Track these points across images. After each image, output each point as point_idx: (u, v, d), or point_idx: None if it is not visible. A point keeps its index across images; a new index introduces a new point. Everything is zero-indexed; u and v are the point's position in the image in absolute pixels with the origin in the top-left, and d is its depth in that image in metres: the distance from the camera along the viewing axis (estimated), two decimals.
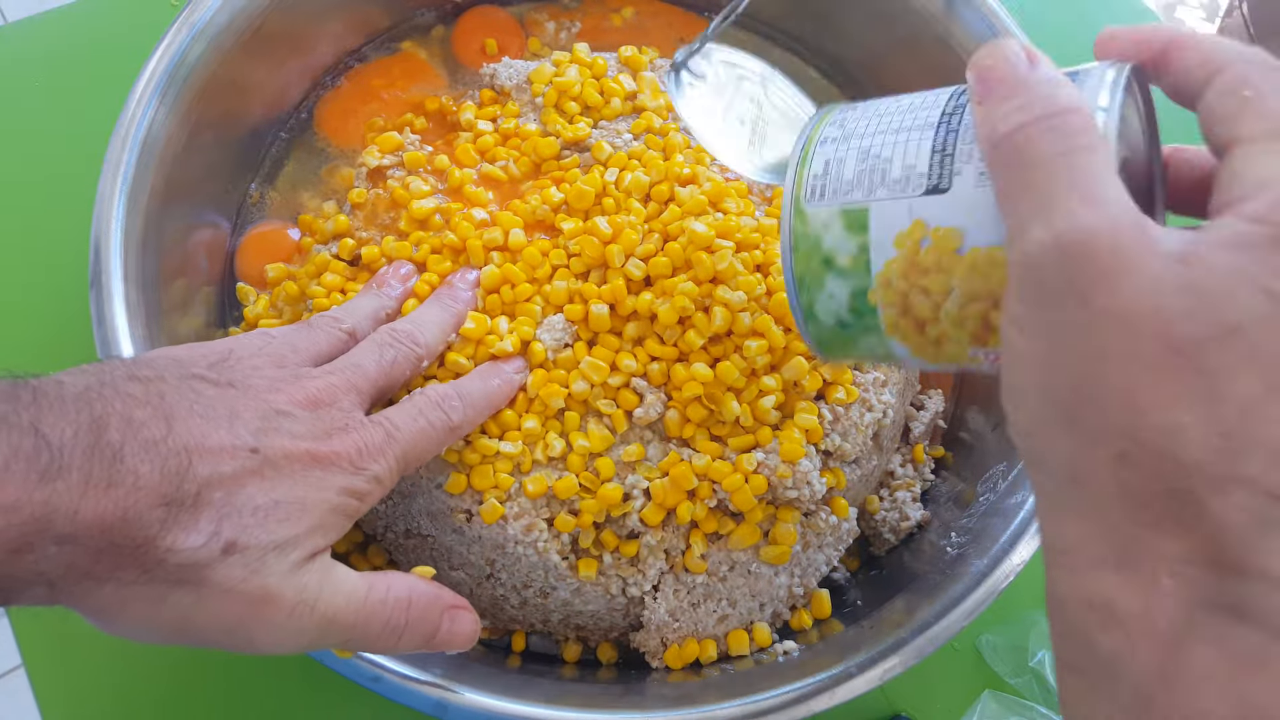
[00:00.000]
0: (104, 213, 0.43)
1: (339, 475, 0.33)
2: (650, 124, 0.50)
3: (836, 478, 0.46)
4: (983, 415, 0.52)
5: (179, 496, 0.29)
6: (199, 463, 0.30)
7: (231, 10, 0.47)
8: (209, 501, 0.30)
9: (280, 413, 0.33)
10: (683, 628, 0.44)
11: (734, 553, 0.44)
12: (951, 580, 0.42)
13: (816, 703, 0.38)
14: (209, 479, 0.30)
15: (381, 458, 0.35)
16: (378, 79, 0.56)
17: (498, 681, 0.40)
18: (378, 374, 0.38)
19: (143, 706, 0.46)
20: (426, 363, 0.42)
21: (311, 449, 0.33)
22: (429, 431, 0.38)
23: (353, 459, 0.34)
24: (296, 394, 0.35)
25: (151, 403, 0.30)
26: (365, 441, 0.35)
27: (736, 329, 0.43)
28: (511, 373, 0.43)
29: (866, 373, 0.47)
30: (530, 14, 0.60)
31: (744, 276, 0.43)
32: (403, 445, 0.36)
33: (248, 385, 0.34)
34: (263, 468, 0.32)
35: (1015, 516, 0.43)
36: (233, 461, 0.31)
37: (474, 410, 0.40)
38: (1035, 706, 0.48)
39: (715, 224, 0.45)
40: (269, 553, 0.31)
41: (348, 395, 0.36)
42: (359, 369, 0.38)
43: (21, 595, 0.28)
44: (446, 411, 0.39)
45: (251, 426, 0.32)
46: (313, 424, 0.34)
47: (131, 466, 0.28)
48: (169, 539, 0.29)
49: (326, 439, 0.34)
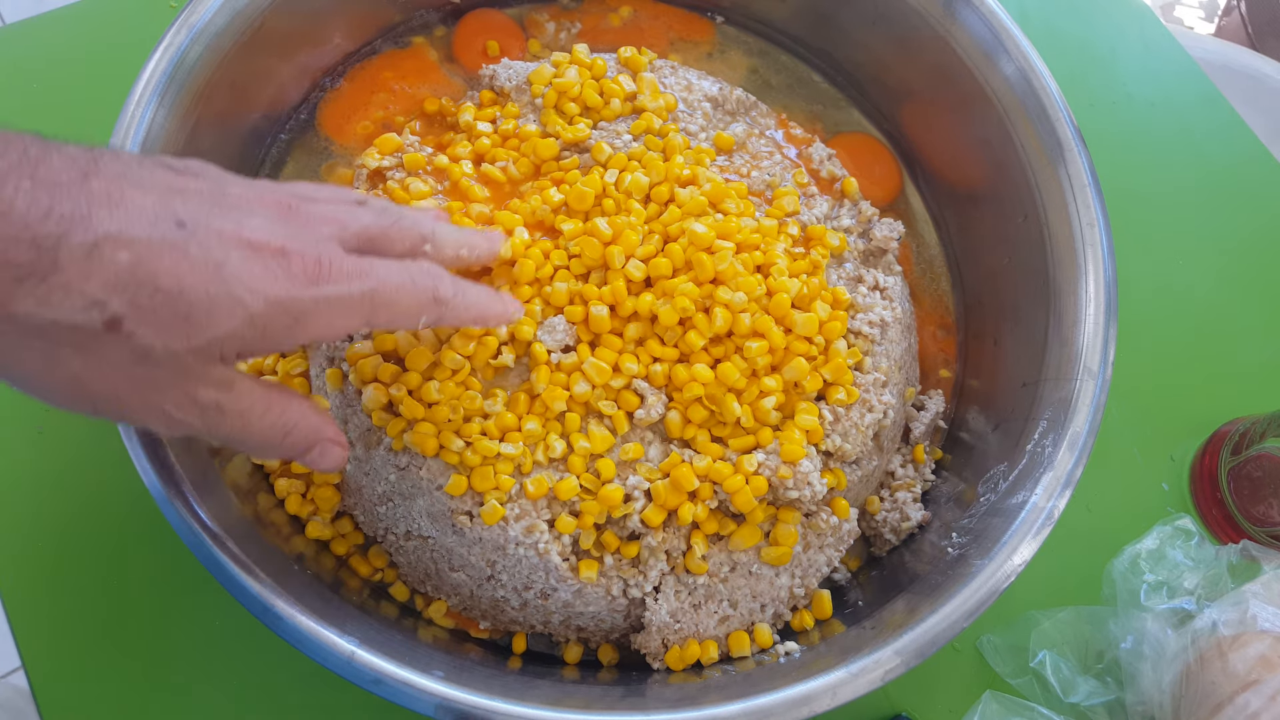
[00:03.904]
0: None
1: (279, 280, 0.29)
2: (650, 125, 0.50)
3: (837, 478, 0.46)
4: (983, 416, 0.52)
5: (58, 244, 0.25)
6: (103, 214, 0.26)
7: (231, 11, 0.47)
8: (103, 264, 0.25)
9: (237, 207, 0.29)
10: (684, 629, 0.44)
11: (735, 554, 0.44)
12: (952, 581, 0.42)
13: (818, 703, 0.38)
14: (111, 235, 0.25)
15: (344, 282, 0.31)
16: (388, 71, 0.56)
17: (498, 683, 0.40)
18: (371, 225, 0.34)
19: (142, 707, 0.46)
20: (430, 249, 0.37)
21: (254, 239, 0.28)
22: (410, 288, 0.34)
23: (305, 268, 0.30)
24: (267, 197, 0.31)
25: (75, 159, 0.26)
26: (329, 259, 0.30)
27: (737, 330, 0.43)
28: (511, 309, 0.41)
29: (867, 373, 0.47)
30: (530, 15, 0.59)
31: (744, 277, 0.43)
32: (374, 284, 0.32)
33: (214, 180, 0.30)
34: (187, 243, 0.27)
35: (1016, 517, 0.43)
36: (150, 227, 0.26)
37: (464, 301, 0.36)
38: (1036, 707, 0.48)
39: (715, 225, 0.45)
40: (157, 345, 0.27)
41: (328, 225, 0.32)
42: (351, 213, 0.34)
43: None
44: (436, 282, 0.35)
45: (190, 205, 0.28)
46: (274, 226, 0.30)
47: (4, 196, 0.24)
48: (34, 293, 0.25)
49: (284, 238, 0.29)
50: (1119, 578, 0.51)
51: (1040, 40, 0.51)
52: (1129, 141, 0.68)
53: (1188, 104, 0.70)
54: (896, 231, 0.53)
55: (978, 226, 0.56)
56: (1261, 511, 0.55)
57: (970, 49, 0.52)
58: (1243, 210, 0.67)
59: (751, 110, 0.55)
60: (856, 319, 0.48)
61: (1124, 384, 0.51)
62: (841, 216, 0.53)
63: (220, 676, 0.47)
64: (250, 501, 0.44)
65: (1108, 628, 0.51)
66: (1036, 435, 0.46)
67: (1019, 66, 0.51)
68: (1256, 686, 0.44)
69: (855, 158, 0.58)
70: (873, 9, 0.56)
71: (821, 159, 0.54)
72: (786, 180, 0.51)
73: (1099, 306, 0.47)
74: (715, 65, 0.60)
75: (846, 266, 0.51)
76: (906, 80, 0.58)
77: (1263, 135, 0.69)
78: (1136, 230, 0.64)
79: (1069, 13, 0.71)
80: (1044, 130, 0.50)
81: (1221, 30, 1.35)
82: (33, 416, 0.51)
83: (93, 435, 0.50)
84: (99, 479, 0.50)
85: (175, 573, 0.48)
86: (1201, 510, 0.58)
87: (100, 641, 0.47)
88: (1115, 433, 0.57)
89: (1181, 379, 0.61)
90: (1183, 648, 0.47)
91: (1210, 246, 0.65)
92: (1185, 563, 0.51)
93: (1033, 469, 0.44)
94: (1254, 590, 0.47)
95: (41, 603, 0.48)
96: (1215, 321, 0.63)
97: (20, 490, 0.49)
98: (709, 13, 0.61)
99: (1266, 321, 0.64)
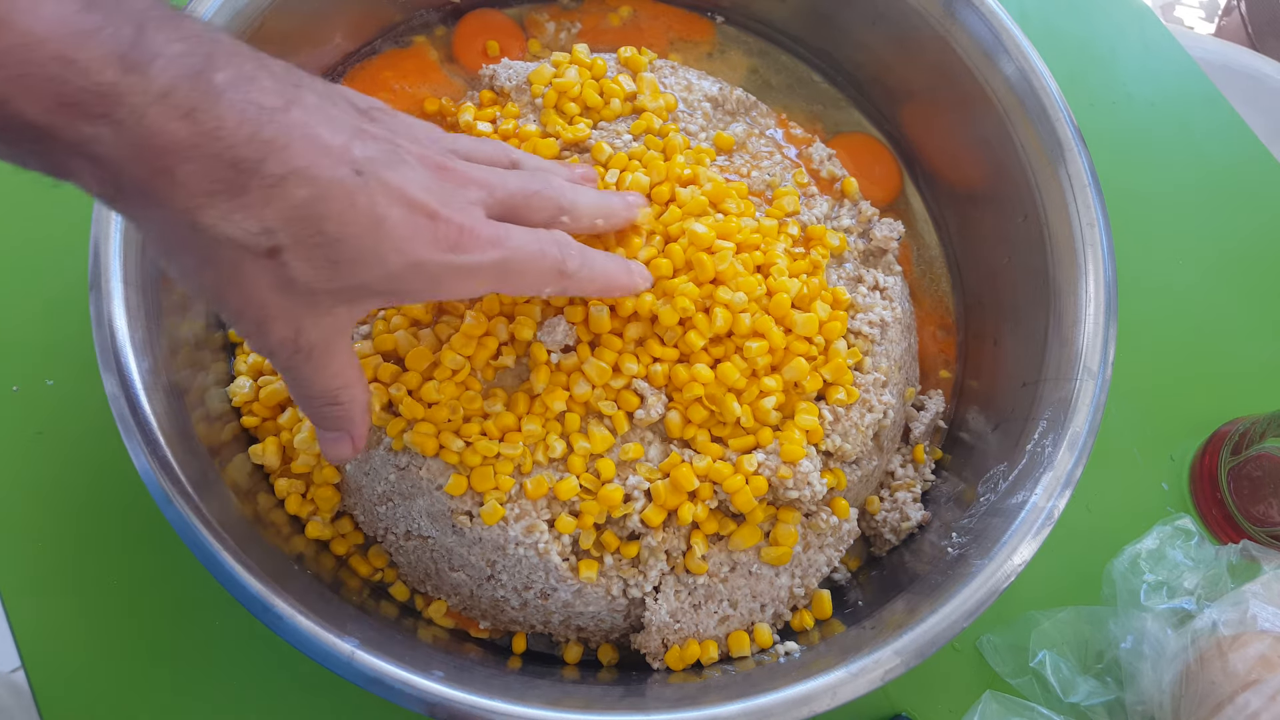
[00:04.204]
0: (103, 214, 0.43)
1: (423, 244, 0.31)
2: (650, 125, 0.50)
3: (837, 478, 0.46)
4: (983, 416, 0.52)
5: (254, 170, 0.27)
6: (298, 148, 0.28)
7: (231, 11, 0.47)
8: (284, 197, 0.28)
9: (404, 160, 0.31)
10: (684, 629, 0.44)
11: (735, 553, 0.44)
12: (952, 580, 0.42)
13: (818, 703, 0.38)
14: (298, 171, 0.28)
15: (482, 250, 0.33)
16: (388, 70, 0.56)
17: (498, 683, 0.40)
18: (516, 192, 0.36)
19: (142, 707, 0.46)
20: (567, 219, 0.39)
21: (414, 198, 0.31)
22: (539, 259, 0.36)
23: (449, 234, 0.32)
24: (430, 156, 0.33)
25: (282, 83, 0.28)
26: (470, 226, 0.33)
27: (737, 329, 0.43)
28: (639, 280, 0.42)
29: (867, 373, 0.47)
30: (530, 15, 0.59)
31: (745, 277, 0.43)
32: (506, 254, 0.34)
33: (390, 128, 0.32)
34: (356, 192, 0.29)
35: (1016, 517, 0.43)
36: (331, 168, 0.29)
37: (589, 273, 0.38)
38: (1036, 707, 0.48)
39: (716, 225, 0.45)
40: (301, 279, 0.29)
41: (477, 189, 0.34)
42: (501, 177, 0.36)
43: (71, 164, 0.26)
44: (564, 254, 0.37)
45: (368, 151, 0.30)
46: (431, 185, 0.32)
47: (219, 113, 0.26)
48: (219, 208, 0.27)
49: (437, 202, 0.32)
50: (1119, 578, 0.51)
51: (1040, 40, 0.51)
52: (1129, 141, 0.68)
53: (1188, 104, 0.70)
54: (896, 231, 0.53)
55: (978, 226, 0.56)
56: (1261, 511, 0.55)
57: (970, 49, 0.52)
58: (1243, 210, 0.67)
59: (751, 110, 0.55)
60: (856, 319, 0.48)
61: (1124, 384, 0.51)
62: (841, 216, 0.53)
63: (220, 676, 0.47)
64: (250, 501, 0.44)
65: (1108, 628, 0.51)
66: (1036, 435, 0.46)
67: (1019, 66, 0.51)
68: (1256, 686, 0.44)
69: (855, 158, 0.58)
70: (872, 9, 0.56)
71: (821, 159, 0.54)
72: (786, 180, 0.51)
73: (1099, 306, 0.47)
74: (716, 65, 0.60)
75: (846, 266, 0.51)
76: (906, 80, 0.58)
77: (1263, 135, 0.69)
78: (1136, 230, 0.64)
79: (1069, 13, 0.71)
80: (1044, 130, 0.50)
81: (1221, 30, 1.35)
82: (33, 418, 0.51)
83: (92, 436, 0.50)
84: (99, 479, 0.50)
85: (175, 573, 0.48)
86: (1201, 510, 0.58)
87: (100, 641, 0.47)
88: (1115, 433, 0.57)
89: (1181, 379, 0.61)
90: (1183, 648, 0.47)
91: (1210, 246, 0.65)
92: (1185, 563, 0.51)
93: (1032, 469, 0.44)
94: (1254, 590, 0.47)
95: (41, 603, 0.48)
96: (1215, 321, 0.63)
97: (20, 491, 0.49)
98: (709, 13, 0.61)
99: (1266, 321, 0.64)
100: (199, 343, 0.48)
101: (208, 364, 0.48)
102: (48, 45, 0.24)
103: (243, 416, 0.48)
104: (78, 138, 0.25)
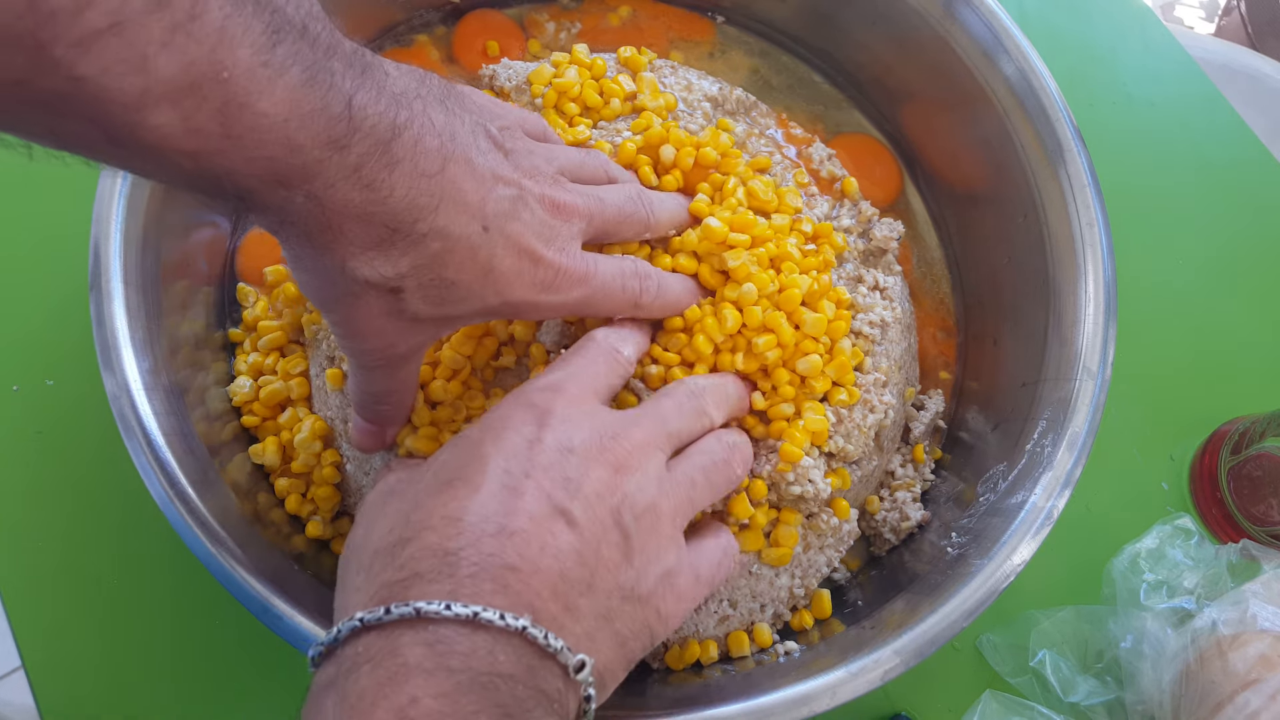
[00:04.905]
0: (104, 214, 0.43)
1: (521, 286, 0.35)
2: (650, 124, 0.50)
3: (841, 478, 0.46)
4: (983, 416, 0.52)
5: (406, 230, 0.31)
6: (443, 211, 0.31)
7: None
8: (421, 250, 0.31)
9: (528, 205, 0.35)
10: (683, 629, 0.44)
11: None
12: (952, 580, 0.42)
13: (817, 703, 0.38)
14: (437, 230, 0.31)
15: (570, 290, 0.36)
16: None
17: None
18: (612, 215, 0.39)
19: (142, 707, 0.46)
20: (649, 235, 0.43)
21: (525, 245, 0.34)
22: (619, 294, 0.39)
23: (545, 279, 0.35)
24: (548, 194, 0.36)
25: (442, 137, 0.32)
26: (569, 265, 0.36)
27: (750, 322, 0.43)
28: (697, 298, 0.43)
29: (867, 374, 0.47)
30: (530, 15, 0.60)
31: (760, 273, 0.43)
32: (590, 292, 0.37)
33: (518, 162, 0.35)
34: (479, 247, 0.33)
35: (1015, 517, 0.43)
36: (465, 225, 0.32)
37: (661, 302, 0.41)
38: (1036, 706, 0.48)
39: (729, 219, 0.44)
40: (410, 310, 0.33)
41: (580, 220, 0.37)
42: (601, 202, 0.39)
43: (249, 211, 0.29)
44: (643, 287, 0.39)
45: (501, 204, 0.33)
46: (541, 228, 0.35)
47: (392, 184, 0.30)
48: (366, 256, 0.31)
49: (543, 244, 0.35)
50: (1119, 577, 0.51)
51: (1040, 40, 0.51)
52: (1129, 141, 0.68)
53: (1188, 104, 0.70)
54: (896, 231, 0.53)
55: (977, 227, 0.56)
56: (1261, 511, 0.55)
57: (970, 49, 0.52)
58: (1243, 210, 0.67)
59: (751, 110, 0.55)
60: (857, 319, 0.48)
61: (1124, 384, 0.51)
62: (841, 217, 0.53)
63: (220, 676, 0.47)
64: (250, 501, 0.44)
65: (1107, 627, 0.51)
66: (1036, 435, 0.46)
67: (1019, 66, 0.51)
68: (1256, 686, 0.44)
69: (856, 158, 0.58)
70: (872, 9, 0.56)
71: (821, 159, 0.54)
72: (787, 180, 0.51)
73: (1098, 306, 0.47)
74: (717, 65, 0.60)
75: (847, 267, 0.51)
76: (907, 81, 0.58)
77: (1263, 135, 0.69)
78: (1136, 230, 0.64)
79: (1069, 13, 0.71)
80: (1044, 130, 0.50)
81: (1221, 30, 1.35)
82: (32, 419, 0.51)
83: (92, 437, 0.50)
84: (99, 479, 0.50)
85: (175, 573, 0.48)
86: (1201, 510, 0.58)
87: (100, 641, 0.47)
88: (1115, 432, 0.57)
89: (1181, 379, 0.61)
90: (1182, 647, 0.47)
91: (1210, 246, 0.65)
92: (1185, 562, 0.51)
93: (1032, 469, 0.44)
94: (1254, 590, 0.47)
95: (41, 603, 0.48)
96: (1215, 321, 0.63)
97: (20, 491, 0.49)
98: (709, 12, 0.61)
99: (1266, 321, 0.64)
100: (199, 343, 0.48)
101: (208, 364, 0.48)
102: (278, 129, 0.27)
103: (243, 416, 0.48)
104: (274, 201, 0.28)
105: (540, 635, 0.28)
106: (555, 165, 0.38)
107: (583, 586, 0.30)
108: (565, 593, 0.30)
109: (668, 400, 0.38)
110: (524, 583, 0.29)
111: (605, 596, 0.31)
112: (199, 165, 0.26)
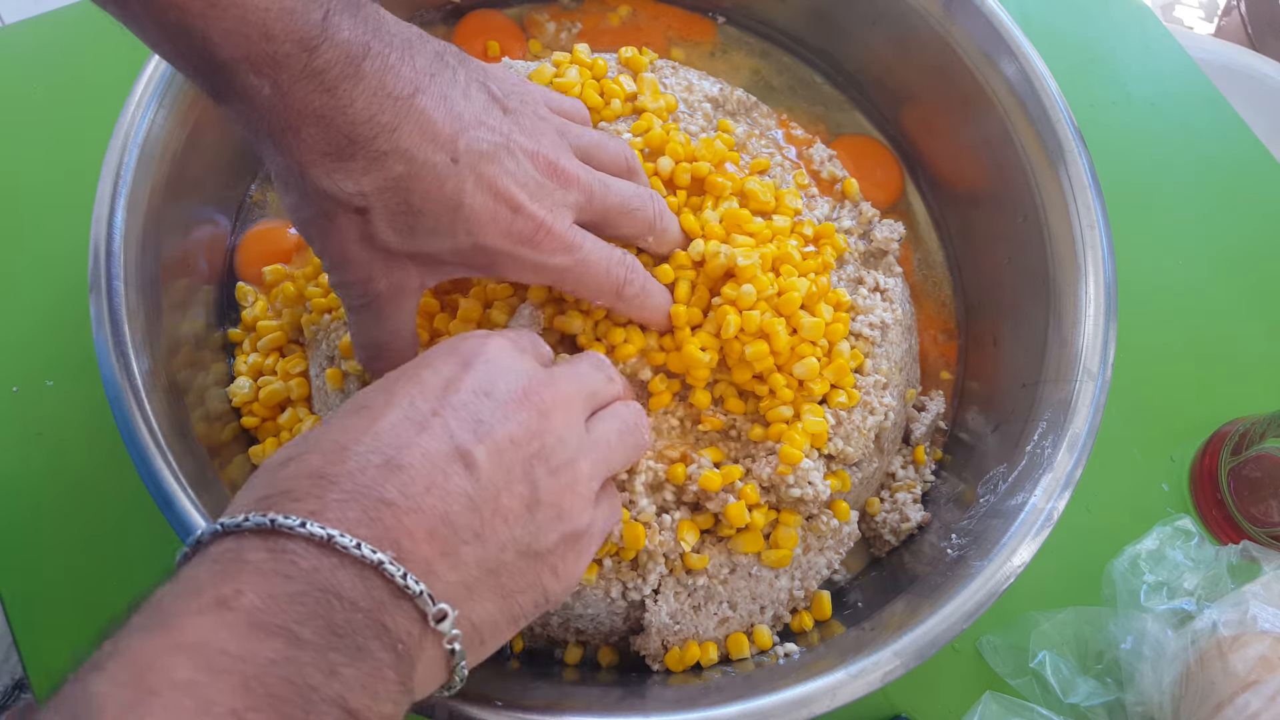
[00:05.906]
0: (104, 214, 0.43)
1: (495, 232, 0.35)
2: (650, 125, 0.50)
3: (841, 480, 0.46)
4: (983, 417, 0.52)
5: (364, 144, 0.32)
6: (404, 132, 0.32)
7: None
8: (382, 169, 0.32)
9: (514, 155, 0.35)
10: (683, 630, 0.44)
11: (735, 556, 0.44)
12: (952, 581, 0.42)
13: (817, 705, 0.38)
14: (399, 150, 0.32)
15: (551, 252, 0.36)
16: None
17: (497, 685, 0.40)
18: (615, 203, 0.39)
19: None
20: (651, 241, 0.43)
21: (503, 189, 0.34)
22: (603, 277, 0.39)
23: (526, 230, 0.35)
24: (544, 153, 0.36)
25: (420, 72, 0.33)
26: (550, 227, 0.36)
27: (748, 327, 0.43)
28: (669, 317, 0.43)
29: (867, 375, 0.47)
30: (530, 15, 0.59)
31: (759, 277, 0.43)
32: (572, 263, 0.37)
33: (519, 121, 0.36)
34: (447, 177, 0.33)
35: (1016, 518, 0.43)
36: (430, 154, 0.33)
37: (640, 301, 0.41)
38: (1036, 708, 0.48)
39: (729, 215, 0.44)
40: (379, 237, 0.34)
41: (578, 193, 0.37)
42: (605, 185, 0.39)
43: (228, 99, 0.32)
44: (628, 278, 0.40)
45: (479, 143, 0.34)
46: (527, 179, 0.35)
47: (353, 95, 0.31)
48: (325, 166, 0.32)
49: (527, 196, 0.35)
50: (1119, 578, 0.51)
51: (1040, 40, 0.51)
52: (1129, 141, 0.68)
53: (1188, 104, 0.70)
54: (897, 233, 0.53)
55: (978, 228, 0.56)
56: (1261, 511, 0.55)
57: (970, 49, 0.52)
58: (1243, 210, 0.67)
59: (752, 111, 0.55)
60: (857, 321, 0.48)
61: (1124, 384, 0.51)
62: (842, 218, 0.53)
63: None
64: None
65: (1108, 628, 0.51)
66: (1036, 436, 0.46)
67: (1019, 66, 0.51)
68: (1256, 687, 0.44)
69: (856, 159, 0.58)
70: (872, 9, 0.56)
71: (822, 160, 0.54)
72: (787, 181, 0.51)
73: (1099, 307, 0.47)
74: (718, 66, 0.60)
75: (847, 268, 0.51)
76: (907, 81, 0.57)
77: (1263, 135, 0.69)
78: (1136, 230, 0.64)
79: (1069, 13, 0.71)
80: (1044, 131, 0.50)
81: (1221, 30, 1.35)
82: (33, 418, 0.51)
83: (92, 437, 0.50)
84: (99, 479, 0.50)
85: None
86: (1201, 510, 0.58)
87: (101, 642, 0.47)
88: (1115, 433, 0.57)
89: (1181, 379, 0.61)
90: (1182, 648, 0.47)
91: (1210, 246, 0.65)
92: (1185, 563, 0.51)
93: (1032, 470, 0.44)
94: (1254, 591, 0.47)
95: (41, 604, 0.48)
96: (1215, 321, 0.63)
97: (20, 491, 0.49)
98: (710, 13, 0.61)
99: (1266, 321, 0.64)
100: (199, 342, 0.48)
101: (208, 364, 0.48)
102: (257, 14, 0.30)
103: (243, 417, 0.48)
104: (244, 85, 0.31)
105: (398, 573, 0.26)
106: (569, 139, 0.39)
107: (469, 534, 0.29)
108: (446, 537, 0.28)
109: (584, 362, 0.37)
110: (396, 519, 0.27)
111: (497, 549, 0.29)
112: (182, 20, 0.29)
